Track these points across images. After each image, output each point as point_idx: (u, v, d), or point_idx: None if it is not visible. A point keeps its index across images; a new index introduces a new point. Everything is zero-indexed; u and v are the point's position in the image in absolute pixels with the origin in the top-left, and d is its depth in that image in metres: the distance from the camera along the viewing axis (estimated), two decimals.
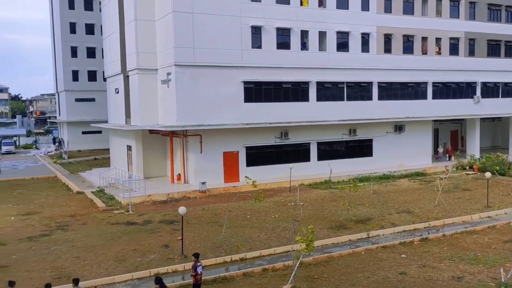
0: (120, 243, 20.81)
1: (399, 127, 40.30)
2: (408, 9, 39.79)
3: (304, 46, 35.93)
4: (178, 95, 31.74)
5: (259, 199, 22.19)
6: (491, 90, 44.83)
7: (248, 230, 22.65)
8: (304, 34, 35.70)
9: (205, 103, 32.26)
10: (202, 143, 32.70)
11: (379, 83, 38.89)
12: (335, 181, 34.45)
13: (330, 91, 37.14)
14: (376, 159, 39.38)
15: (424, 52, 40.99)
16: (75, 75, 63.31)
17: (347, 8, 37.00)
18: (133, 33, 35.01)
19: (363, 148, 39.27)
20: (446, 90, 42.47)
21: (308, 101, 36.08)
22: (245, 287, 16.06)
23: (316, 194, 31.18)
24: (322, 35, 36.28)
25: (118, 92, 40.26)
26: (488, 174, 27.79)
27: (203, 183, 31.16)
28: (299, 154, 36.35)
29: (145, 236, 21.87)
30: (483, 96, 43.90)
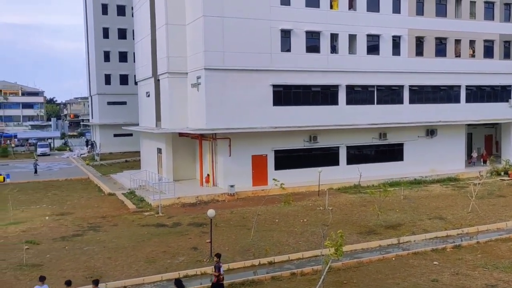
0: (150, 245, 21.10)
1: (431, 131, 39.50)
2: (441, 11, 39.02)
3: (334, 49, 35.69)
4: (207, 99, 32.02)
5: (288, 202, 22.13)
6: None
7: (277, 234, 22.60)
8: (333, 37, 35.48)
9: (234, 106, 32.44)
10: (231, 146, 32.85)
11: (410, 86, 38.25)
12: (365, 185, 34.02)
13: (360, 95, 36.76)
14: (407, 163, 38.70)
15: (458, 55, 40.09)
16: (107, 79, 64.76)
17: (378, 10, 36.59)
18: (164, 37, 35.56)
19: (393, 153, 38.67)
20: (480, 94, 41.37)
21: (338, 104, 35.83)
22: None
23: (345, 198, 30.87)
24: (352, 38, 35.98)
25: (149, 95, 40.93)
26: None
27: (232, 186, 31.30)
28: (328, 158, 36.08)
29: (174, 238, 22.11)
30: None
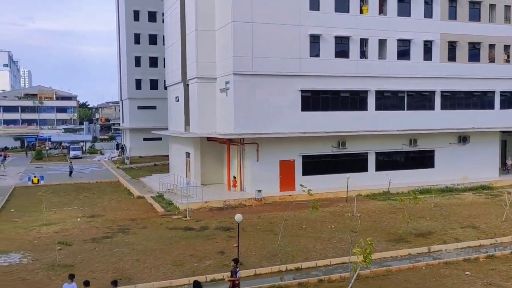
0: (178, 248, 21.28)
1: (463, 138, 38.58)
2: (474, 15, 38.18)
3: (363, 55, 35.37)
4: (236, 103, 32.19)
5: (315, 208, 21.93)
6: None
7: (304, 239, 22.46)
8: (363, 42, 35.17)
9: (262, 111, 32.49)
10: (259, 151, 32.89)
11: (442, 92, 37.51)
12: (394, 192, 33.47)
13: (389, 100, 36.27)
14: (438, 171, 37.90)
15: (491, 60, 39.10)
16: (138, 84, 65.98)
17: (409, 15, 36.09)
18: (193, 42, 35.99)
19: (424, 159, 37.93)
20: None
21: (367, 110, 35.45)
22: None
23: (374, 205, 30.43)
24: (382, 43, 35.59)
25: (178, 100, 41.44)
26: None
27: (259, 191, 31.29)
28: (356, 164, 35.67)
29: (201, 242, 22.23)
30: None
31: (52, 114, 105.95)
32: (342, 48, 34.55)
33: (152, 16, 65.23)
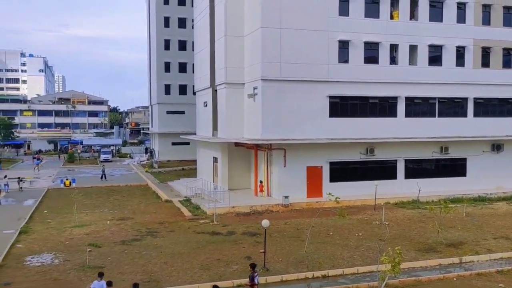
0: (205, 252, 21.42)
1: (497, 146, 37.55)
2: (509, 20, 37.21)
3: (393, 60, 34.94)
4: (263, 109, 32.27)
5: (342, 215, 21.74)
6: None
7: (331, 247, 22.26)
8: (393, 48, 34.76)
9: (290, 117, 32.46)
10: (286, 157, 32.83)
11: (475, 99, 36.68)
12: (424, 201, 32.78)
13: (420, 107, 35.69)
14: (470, 179, 36.97)
15: None
16: (167, 89, 66.89)
17: (441, 20, 35.49)
18: (222, 48, 36.30)
19: (455, 168, 37.09)
20: None
21: (396, 116, 34.97)
22: None
23: (403, 213, 29.91)
24: (413, 48, 35.08)
25: (207, 105, 41.83)
26: None
27: (286, 197, 31.21)
28: (385, 171, 35.18)
29: (228, 247, 22.31)
30: None
31: (84, 118, 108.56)
32: (371, 54, 34.24)
33: (182, 23, 66.13)
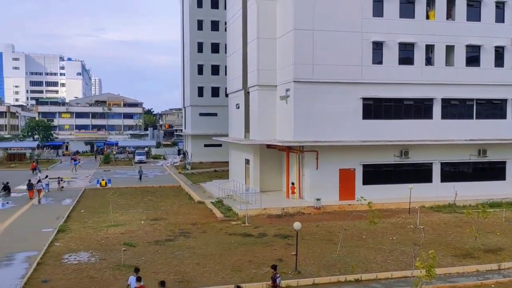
0: (236, 254, 21.51)
1: None
2: None
3: (429, 61, 34.22)
4: (296, 111, 32.19)
5: (374, 222, 21.16)
6: None
7: (364, 250, 21.97)
8: (429, 48, 34.07)
9: (322, 119, 32.27)
10: (318, 159, 32.62)
11: None
12: (460, 205, 31.96)
13: (457, 109, 34.81)
14: (509, 183, 35.80)
15: None
16: (200, 91, 67.63)
17: (479, 20, 34.53)
18: (255, 51, 36.44)
19: (494, 171, 35.95)
20: None
21: (432, 118, 34.24)
22: None
23: (439, 217, 29.21)
24: (450, 49, 34.28)
25: (239, 107, 42.07)
26: None
27: (318, 200, 31.01)
28: (420, 174, 34.47)
29: (260, 249, 22.34)
30: None
31: (119, 120, 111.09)
32: (406, 54, 33.65)
33: (214, 25, 66.76)
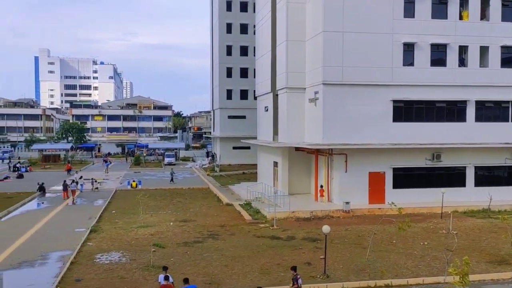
0: (264, 256, 21.49)
1: None
2: None
3: (462, 63, 33.43)
4: (324, 114, 31.96)
5: (402, 229, 20.67)
6: None
7: (394, 255, 21.59)
8: (462, 49, 33.28)
9: (351, 121, 31.94)
10: (347, 162, 32.27)
11: None
12: (495, 210, 31.05)
13: (491, 111, 33.87)
14: None
15: None
16: (229, 94, 68.08)
17: None
18: (283, 53, 36.40)
19: None
20: None
21: (465, 121, 33.41)
22: None
23: (472, 223, 28.44)
24: (484, 50, 33.40)
25: (267, 110, 42.08)
26: None
27: (347, 203, 30.67)
28: (452, 178, 33.65)
29: (288, 252, 22.25)
30: None
31: (149, 123, 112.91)
32: (438, 56, 32.96)
33: (243, 29, 67.13)
